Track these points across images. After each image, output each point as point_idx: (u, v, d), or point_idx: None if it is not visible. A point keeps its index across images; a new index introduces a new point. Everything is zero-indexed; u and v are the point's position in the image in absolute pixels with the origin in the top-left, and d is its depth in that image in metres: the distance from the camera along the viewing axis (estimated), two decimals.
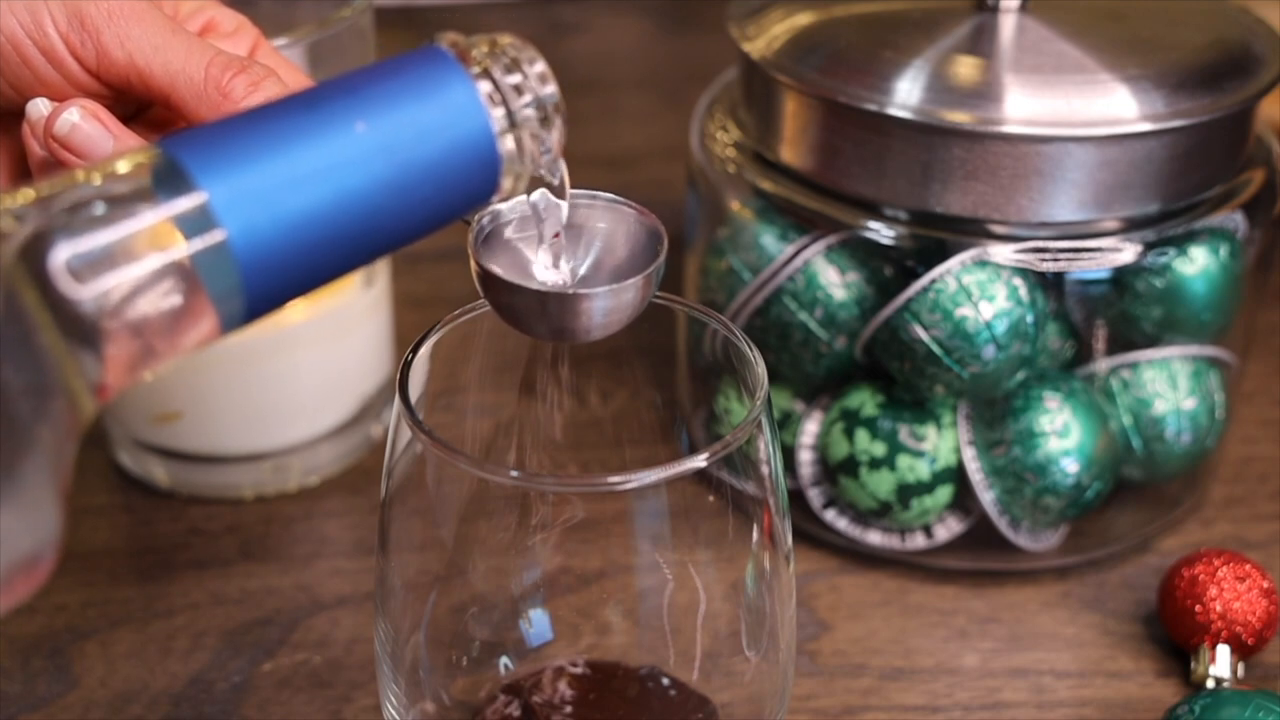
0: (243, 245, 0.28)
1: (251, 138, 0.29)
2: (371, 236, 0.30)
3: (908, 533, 0.54)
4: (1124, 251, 0.50)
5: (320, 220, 0.29)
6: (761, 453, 0.37)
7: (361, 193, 0.29)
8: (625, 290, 0.36)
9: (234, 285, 0.28)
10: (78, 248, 0.26)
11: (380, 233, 0.30)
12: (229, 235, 0.28)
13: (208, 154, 0.28)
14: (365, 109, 0.30)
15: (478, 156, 0.31)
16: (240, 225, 0.28)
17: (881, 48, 0.50)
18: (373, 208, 0.30)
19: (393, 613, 0.40)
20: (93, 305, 0.26)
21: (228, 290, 0.28)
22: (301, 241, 0.29)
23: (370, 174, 0.29)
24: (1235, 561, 0.50)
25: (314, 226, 0.29)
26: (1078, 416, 0.51)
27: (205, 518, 0.58)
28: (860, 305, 0.52)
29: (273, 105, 0.30)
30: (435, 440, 0.36)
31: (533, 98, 0.32)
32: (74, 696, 0.49)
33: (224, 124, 0.29)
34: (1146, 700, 0.50)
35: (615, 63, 0.98)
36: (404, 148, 0.30)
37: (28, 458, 0.26)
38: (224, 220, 0.28)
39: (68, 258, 0.26)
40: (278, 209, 0.28)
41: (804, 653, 0.51)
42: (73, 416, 0.27)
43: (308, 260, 0.29)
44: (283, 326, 0.57)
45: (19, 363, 0.25)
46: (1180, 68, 0.50)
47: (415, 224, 0.31)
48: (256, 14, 0.42)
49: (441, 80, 0.31)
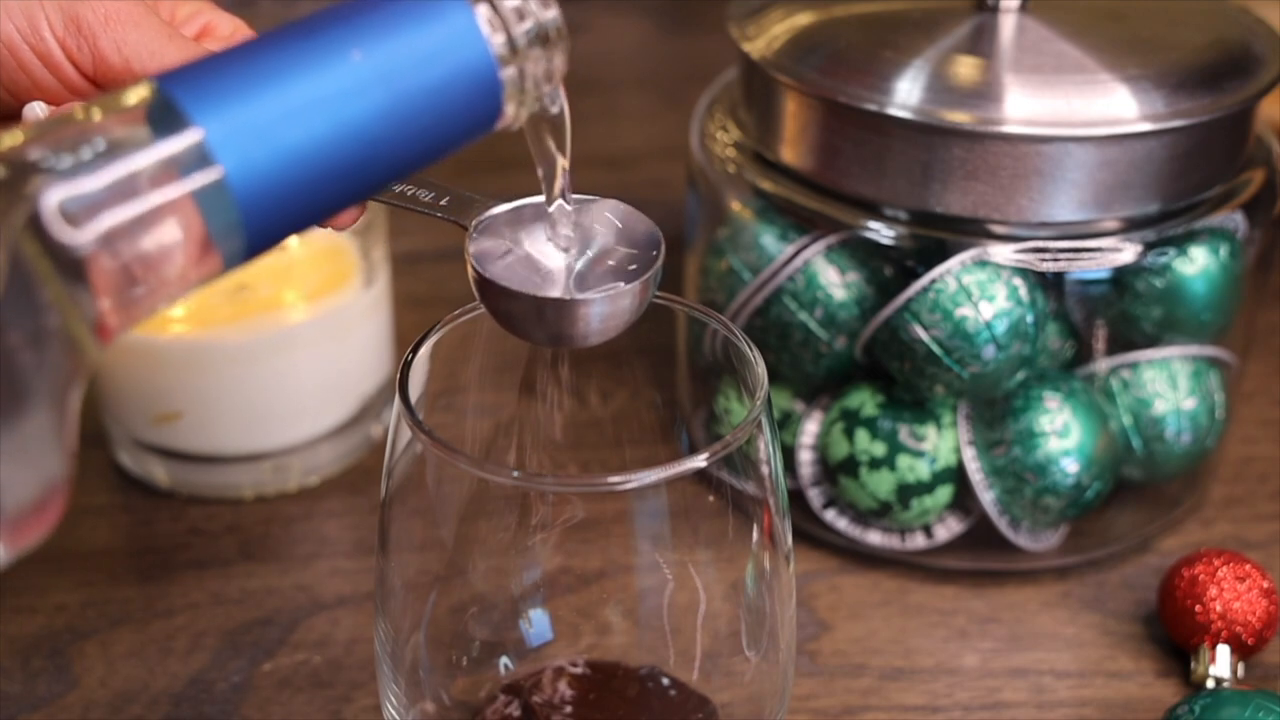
0: (240, 181, 0.27)
1: (246, 71, 0.28)
2: (372, 167, 0.30)
3: (908, 533, 0.54)
4: (1124, 251, 0.50)
5: (319, 153, 0.28)
6: (761, 453, 0.37)
7: (360, 123, 0.29)
8: (622, 296, 0.36)
9: (233, 222, 0.28)
10: (71, 190, 0.26)
11: (380, 163, 0.30)
12: (226, 171, 0.27)
13: (203, 89, 0.28)
14: (361, 37, 0.29)
15: (478, 83, 0.30)
16: (237, 161, 0.27)
17: (881, 48, 0.50)
18: (372, 138, 0.29)
19: (393, 613, 0.40)
20: (88, 248, 0.26)
21: (227, 227, 0.28)
22: (300, 175, 0.28)
23: (368, 104, 0.29)
24: (1235, 561, 0.50)
25: (313, 159, 0.28)
26: (1078, 416, 0.51)
27: (205, 518, 0.58)
28: (860, 305, 0.52)
29: (268, 36, 0.29)
30: (435, 440, 0.36)
31: (534, 22, 0.31)
32: (74, 696, 0.49)
33: (219, 58, 0.29)
34: (1146, 700, 0.50)
35: (615, 63, 0.99)
36: (402, 76, 0.29)
37: (30, 403, 0.26)
38: (220, 156, 0.27)
39: (61, 200, 0.26)
40: (275, 143, 0.28)
41: (804, 653, 0.51)
42: (76, 360, 0.27)
43: (307, 193, 0.29)
44: (283, 326, 0.57)
45: (17, 307, 0.25)
46: (1180, 68, 0.50)
47: (416, 153, 0.30)
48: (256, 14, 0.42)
49: (439, 5, 0.30)
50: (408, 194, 0.38)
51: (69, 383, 0.27)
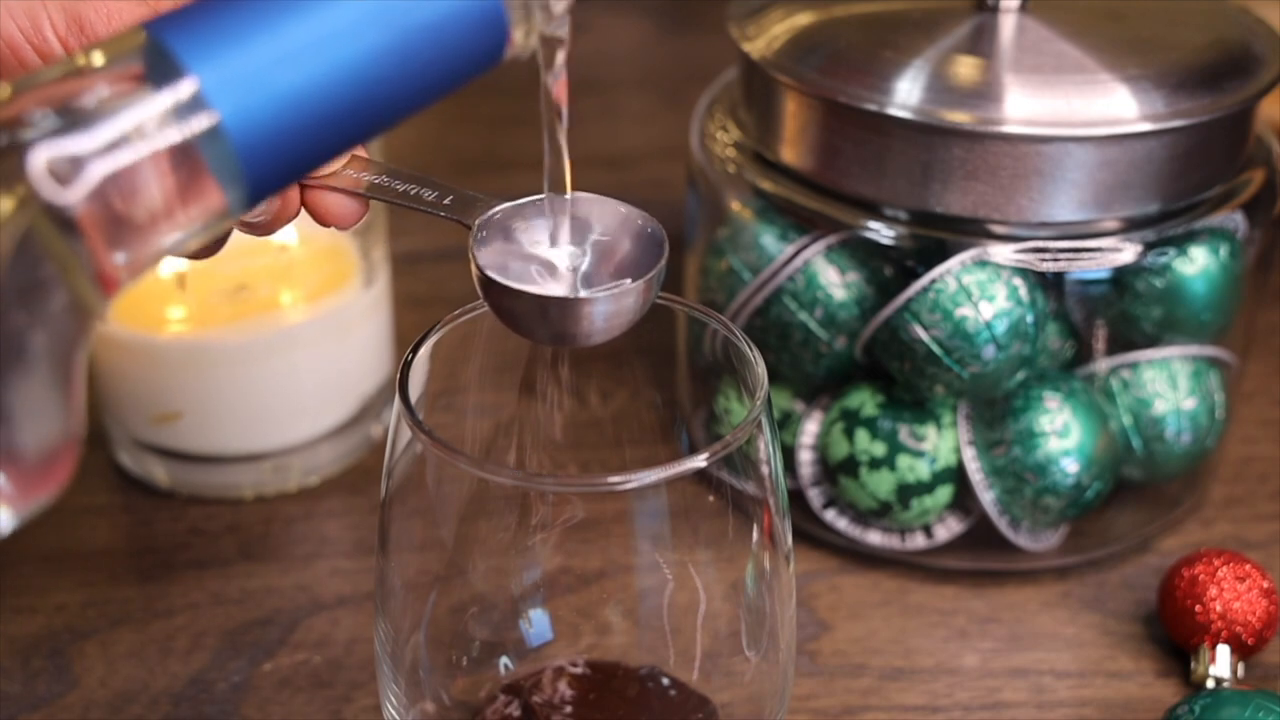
0: (237, 126, 0.27)
1: (239, 14, 0.27)
2: (374, 107, 0.29)
3: (908, 533, 0.54)
4: (1124, 251, 0.50)
5: (317, 95, 0.28)
6: (761, 453, 0.37)
7: (358, 63, 0.28)
8: (626, 295, 0.36)
9: (232, 168, 0.27)
10: (59, 148, 0.25)
11: (383, 102, 0.29)
12: (222, 118, 0.27)
13: (195, 35, 0.27)
14: None
15: (480, 13, 0.30)
16: (233, 107, 0.27)
17: (881, 48, 0.50)
18: (372, 77, 0.28)
19: (393, 613, 0.40)
20: (79, 205, 0.26)
21: (226, 173, 0.27)
22: (299, 118, 0.28)
23: (366, 42, 0.28)
24: (1235, 561, 0.50)
25: (310, 101, 0.28)
26: (1078, 416, 0.51)
27: (205, 518, 0.58)
28: (860, 305, 0.52)
29: None
30: (435, 440, 0.36)
31: None
32: (74, 696, 0.49)
33: (210, 2, 0.28)
34: (1146, 700, 0.50)
35: (615, 63, 0.98)
36: (399, 11, 0.28)
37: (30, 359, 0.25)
38: (216, 103, 0.27)
39: (49, 158, 0.25)
40: (271, 87, 0.27)
41: (804, 653, 0.51)
42: (79, 314, 0.26)
43: (307, 136, 0.28)
44: (283, 326, 0.57)
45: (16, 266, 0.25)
46: (1180, 68, 0.50)
47: (420, 90, 0.30)
48: None
49: None
50: (411, 193, 0.38)
51: (73, 337, 0.26)
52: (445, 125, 0.88)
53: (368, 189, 0.38)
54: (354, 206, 0.38)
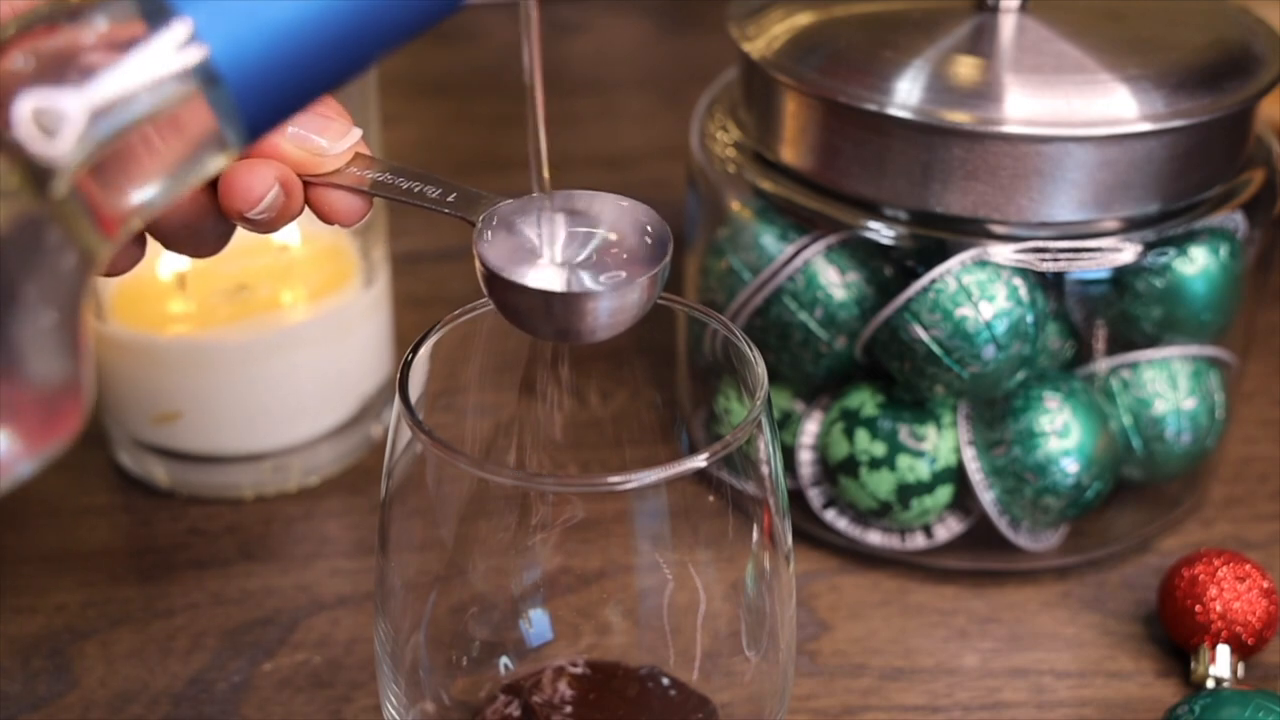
0: (227, 60, 0.27)
1: None
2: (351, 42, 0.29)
3: (908, 533, 0.54)
4: (1124, 251, 0.50)
5: (300, 28, 0.28)
6: (761, 453, 0.37)
7: None
8: (630, 290, 0.35)
9: (226, 104, 0.27)
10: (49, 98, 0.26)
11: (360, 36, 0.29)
12: (212, 52, 0.27)
13: None
14: None
15: None
16: (223, 41, 0.27)
17: (881, 48, 0.50)
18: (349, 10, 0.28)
19: (393, 613, 0.40)
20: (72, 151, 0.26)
21: (221, 109, 0.28)
22: (285, 51, 0.28)
23: None
24: (1235, 561, 0.50)
25: (295, 35, 0.28)
26: (1078, 416, 0.51)
27: (205, 518, 0.58)
28: (860, 305, 0.52)
29: None
30: (435, 440, 0.36)
31: None
32: (74, 696, 0.49)
33: None
34: (1146, 700, 0.50)
35: (615, 63, 0.98)
36: None
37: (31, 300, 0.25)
38: (207, 37, 0.27)
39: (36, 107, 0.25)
40: (256, 20, 0.27)
41: (804, 653, 0.51)
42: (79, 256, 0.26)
43: (294, 70, 0.28)
44: (283, 326, 0.57)
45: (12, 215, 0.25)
46: (1180, 68, 0.50)
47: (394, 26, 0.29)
48: None
49: None
50: (414, 190, 0.38)
51: (75, 279, 0.26)
52: (445, 125, 0.88)
53: (371, 186, 0.38)
54: (358, 204, 0.38)
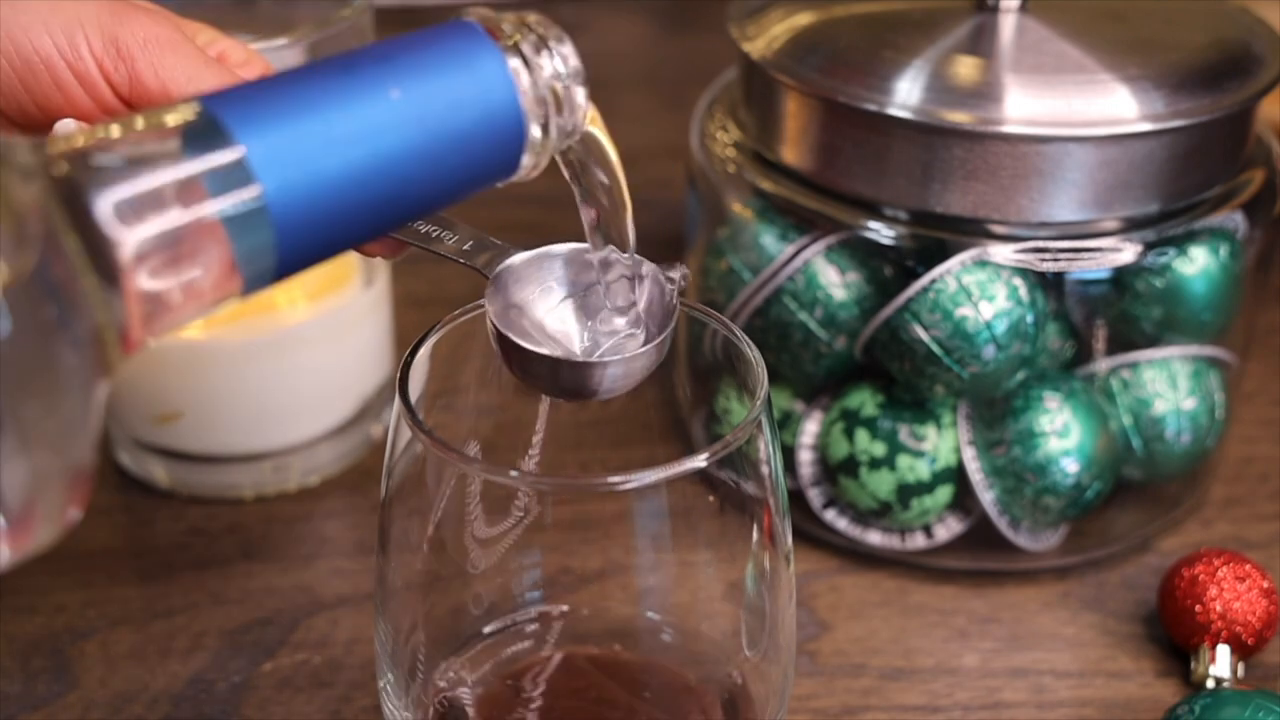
0: (278, 201, 0.28)
1: (290, 98, 0.29)
2: (400, 202, 0.31)
3: (908, 533, 0.54)
4: (1124, 251, 0.50)
5: (354, 182, 0.29)
6: (761, 453, 0.37)
7: (394, 158, 0.30)
8: (637, 359, 0.37)
9: (267, 241, 0.29)
10: (118, 194, 0.27)
11: (408, 199, 0.31)
12: (264, 191, 0.28)
13: (247, 111, 0.28)
14: (400, 76, 0.30)
15: (505, 128, 0.32)
16: (276, 182, 0.28)
17: (881, 48, 0.50)
18: (404, 173, 0.30)
19: (393, 613, 0.40)
20: (127, 253, 0.27)
21: (261, 245, 0.29)
22: (335, 202, 0.29)
23: (403, 140, 0.30)
24: (1235, 561, 0.50)
25: (347, 188, 0.29)
26: (1078, 416, 0.51)
27: (205, 518, 0.58)
28: (860, 305, 0.52)
29: (310, 67, 0.30)
30: (435, 440, 0.36)
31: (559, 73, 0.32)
32: (74, 696, 0.49)
33: (263, 83, 0.30)
34: (1146, 700, 0.50)
35: (615, 63, 0.98)
36: (436, 116, 0.30)
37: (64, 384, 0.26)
38: (261, 176, 0.28)
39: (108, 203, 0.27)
40: (313, 168, 0.29)
41: (804, 653, 0.51)
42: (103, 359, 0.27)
43: (339, 221, 0.30)
44: (283, 326, 0.57)
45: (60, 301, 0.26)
46: (1180, 68, 0.50)
47: (441, 192, 0.31)
48: (256, 14, 0.42)
49: (473, 53, 0.31)
50: (432, 235, 0.39)
51: (96, 378, 0.27)
52: None
53: None
54: (392, 245, 0.39)
